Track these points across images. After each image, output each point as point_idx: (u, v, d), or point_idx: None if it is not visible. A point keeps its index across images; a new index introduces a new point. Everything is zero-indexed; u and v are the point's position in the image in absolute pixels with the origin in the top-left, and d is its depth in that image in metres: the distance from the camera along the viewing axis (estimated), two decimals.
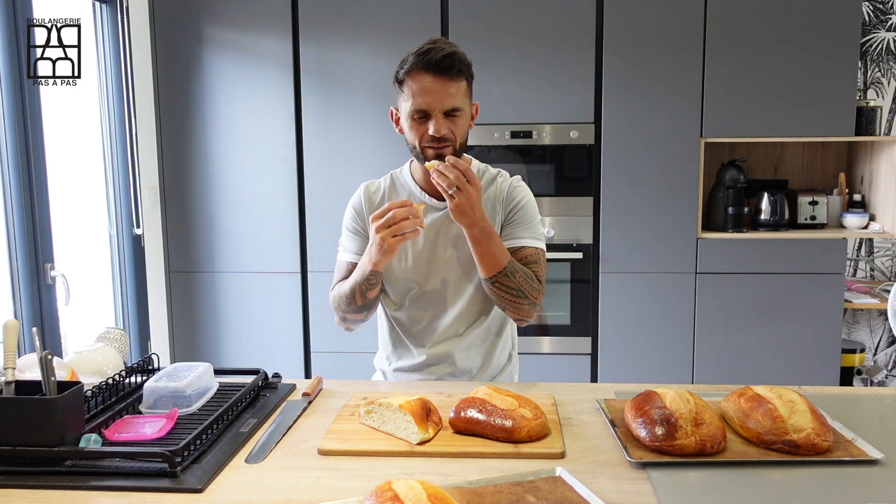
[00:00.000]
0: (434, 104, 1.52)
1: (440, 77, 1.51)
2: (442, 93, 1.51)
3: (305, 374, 3.18)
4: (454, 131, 1.55)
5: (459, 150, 1.59)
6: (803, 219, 3.14)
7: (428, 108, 1.52)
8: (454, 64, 1.51)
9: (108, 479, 1.12)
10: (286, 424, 1.35)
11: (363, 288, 1.59)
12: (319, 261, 3.09)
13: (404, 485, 0.95)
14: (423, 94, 1.51)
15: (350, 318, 1.68)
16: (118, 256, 3.11)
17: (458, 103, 1.54)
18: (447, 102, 1.52)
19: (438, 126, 1.52)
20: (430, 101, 1.51)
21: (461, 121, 1.56)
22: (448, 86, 1.52)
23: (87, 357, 1.56)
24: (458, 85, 1.53)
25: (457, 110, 1.54)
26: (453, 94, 1.52)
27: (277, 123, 3.07)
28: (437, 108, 1.52)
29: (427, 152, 1.56)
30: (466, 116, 1.58)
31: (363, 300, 1.62)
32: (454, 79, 1.52)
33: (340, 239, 1.75)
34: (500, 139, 3.01)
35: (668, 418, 1.18)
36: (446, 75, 1.51)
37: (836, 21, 2.89)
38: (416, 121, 1.54)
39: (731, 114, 2.95)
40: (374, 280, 1.58)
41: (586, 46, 2.95)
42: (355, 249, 1.70)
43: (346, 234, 1.73)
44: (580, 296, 3.08)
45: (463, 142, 1.59)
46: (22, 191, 2.41)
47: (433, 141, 1.54)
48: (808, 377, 2.98)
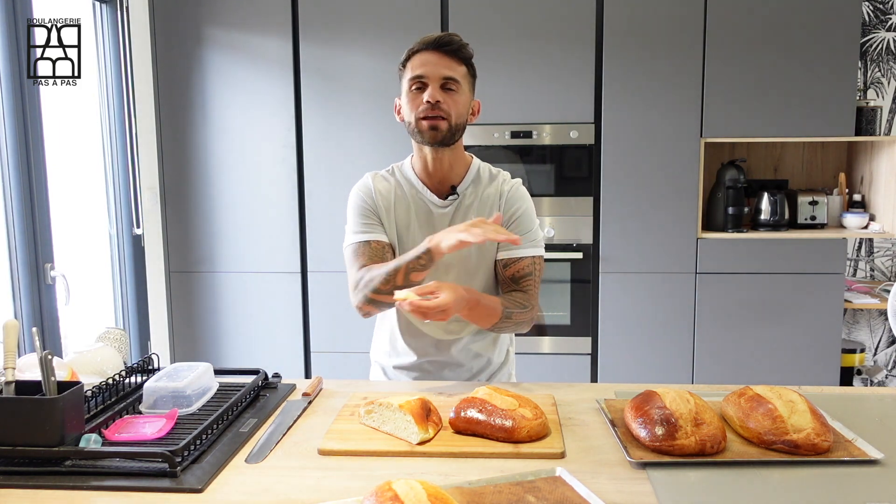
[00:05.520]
0: (430, 72, 1.57)
1: (438, 52, 1.58)
2: (439, 63, 1.57)
3: (305, 374, 3.18)
4: (450, 106, 1.57)
5: (455, 131, 1.58)
6: (803, 219, 3.14)
7: (424, 74, 1.56)
8: (452, 42, 1.58)
9: (108, 479, 1.12)
10: (286, 424, 1.35)
11: (410, 266, 1.50)
12: (319, 261, 3.09)
13: (404, 485, 0.95)
14: (421, 65, 1.58)
15: (379, 301, 1.56)
16: (118, 256, 3.11)
17: (456, 76, 1.58)
18: (443, 72, 1.57)
19: (434, 91, 1.56)
20: (427, 69, 1.57)
21: (458, 97, 1.58)
22: (446, 60, 1.58)
23: (87, 357, 1.56)
24: (456, 65, 1.59)
25: (453, 82, 1.57)
26: (451, 68, 1.58)
27: (277, 123, 3.07)
28: (434, 76, 1.57)
29: (422, 124, 1.57)
30: (464, 97, 1.60)
31: (405, 280, 1.51)
32: (452, 57, 1.58)
33: (347, 226, 1.68)
34: (500, 139, 3.01)
35: (668, 418, 1.18)
36: (443, 51, 1.58)
37: (836, 21, 2.89)
38: (413, 92, 1.58)
39: (731, 114, 2.95)
40: (424, 261, 1.50)
41: (586, 46, 2.95)
42: (371, 229, 1.64)
43: (356, 216, 1.66)
44: (580, 296, 3.08)
45: (459, 123, 1.59)
46: (22, 191, 2.41)
47: (429, 110, 1.55)
48: (808, 377, 2.98)
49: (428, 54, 1.57)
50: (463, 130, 1.62)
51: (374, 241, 1.64)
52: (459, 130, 1.61)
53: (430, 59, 1.57)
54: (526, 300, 1.63)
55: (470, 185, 1.68)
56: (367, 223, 1.66)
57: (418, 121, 1.58)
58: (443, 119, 1.56)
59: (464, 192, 1.67)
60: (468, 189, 1.68)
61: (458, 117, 1.58)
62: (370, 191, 1.68)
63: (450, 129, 1.57)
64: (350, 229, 1.67)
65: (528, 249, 1.65)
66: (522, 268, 1.65)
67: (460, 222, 1.63)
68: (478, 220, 1.46)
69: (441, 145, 1.59)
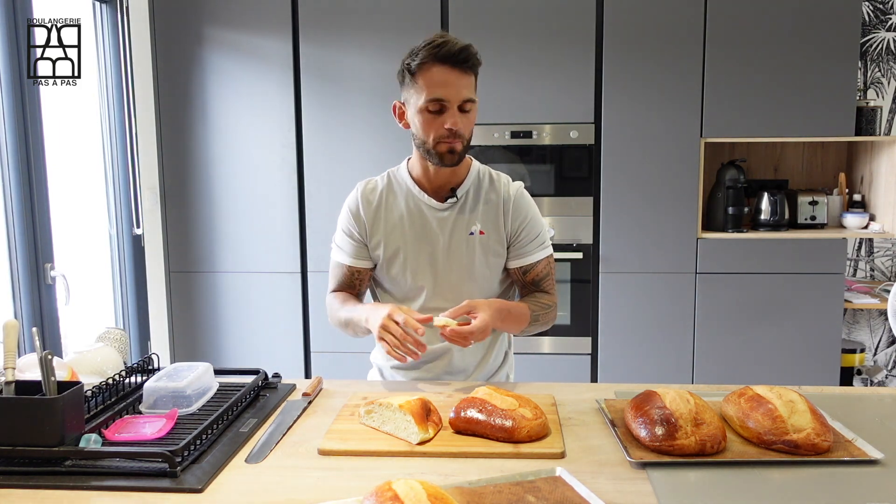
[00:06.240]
0: (452, 95, 1.51)
1: (456, 69, 1.51)
2: (458, 84, 1.51)
3: (305, 374, 3.18)
4: (465, 127, 1.56)
5: (466, 148, 1.59)
6: (803, 219, 3.14)
7: (446, 99, 1.51)
8: (469, 58, 1.52)
9: (108, 479, 1.12)
10: (286, 424, 1.35)
11: (358, 332, 1.65)
12: (319, 261, 3.09)
13: (404, 485, 0.95)
14: (440, 85, 1.50)
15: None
16: (118, 256, 3.11)
17: (473, 96, 1.55)
18: (463, 94, 1.52)
19: (456, 119, 1.52)
20: (448, 92, 1.51)
21: (472, 115, 1.57)
22: (463, 78, 1.52)
23: (87, 357, 1.56)
24: (470, 78, 1.55)
25: (470, 102, 1.55)
26: (469, 87, 1.54)
27: (277, 123, 3.07)
28: (455, 99, 1.52)
29: (440, 147, 1.55)
30: (475, 111, 1.59)
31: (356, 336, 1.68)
32: (467, 72, 1.53)
33: (335, 236, 1.73)
34: (500, 139, 3.01)
35: (668, 418, 1.18)
36: (461, 68, 1.51)
37: (836, 21, 2.89)
38: (431, 113, 1.53)
39: (731, 114, 2.95)
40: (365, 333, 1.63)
41: (586, 47, 2.95)
42: (350, 252, 1.70)
43: (340, 235, 1.72)
44: (580, 296, 3.08)
45: (469, 138, 1.59)
46: (22, 191, 2.41)
47: (449, 136, 1.53)
48: (808, 377, 2.98)
49: (447, 72, 1.50)
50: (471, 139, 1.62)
51: (349, 266, 1.70)
52: (469, 142, 1.60)
53: (449, 78, 1.50)
54: (549, 300, 1.71)
55: (470, 189, 1.68)
56: (347, 243, 1.70)
57: (435, 144, 1.55)
58: (459, 142, 1.55)
59: (464, 196, 1.67)
60: (469, 192, 1.67)
61: (470, 133, 1.58)
62: (357, 204, 1.69)
63: (464, 149, 1.58)
64: (335, 240, 1.74)
65: (541, 252, 1.70)
66: (540, 271, 1.70)
67: (460, 226, 1.65)
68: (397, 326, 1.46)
69: (455, 165, 1.59)
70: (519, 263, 1.69)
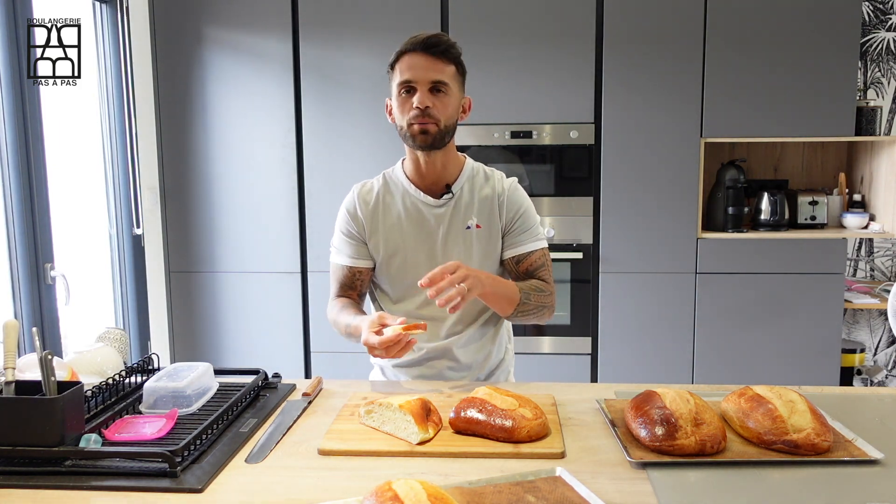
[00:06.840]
0: (419, 77, 1.56)
1: (425, 54, 1.57)
2: (426, 67, 1.56)
3: (305, 374, 3.18)
4: (439, 109, 1.57)
5: (444, 133, 1.59)
6: (803, 219, 3.14)
7: (413, 80, 1.56)
8: (440, 43, 1.57)
9: (108, 479, 1.12)
10: (286, 424, 1.35)
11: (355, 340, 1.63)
12: (319, 261, 3.09)
13: (404, 485, 0.95)
14: (409, 69, 1.57)
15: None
16: (118, 256, 3.11)
17: (445, 79, 1.57)
18: (431, 76, 1.56)
19: (423, 97, 1.55)
20: (415, 73, 1.56)
21: (448, 100, 1.58)
22: (434, 62, 1.57)
23: (87, 357, 1.56)
24: (445, 66, 1.58)
25: (442, 85, 1.57)
26: (439, 71, 1.57)
27: (277, 123, 3.07)
28: (422, 80, 1.56)
29: (413, 128, 1.57)
30: (454, 98, 1.60)
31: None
32: (440, 59, 1.57)
33: (333, 239, 1.75)
34: (500, 139, 3.01)
35: (668, 418, 1.18)
36: (432, 53, 1.57)
37: (836, 21, 2.89)
38: (402, 96, 1.58)
39: (731, 114, 2.95)
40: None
41: (586, 46, 2.95)
42: (349, 253, 1.71)
43: (339, 237, 1.73)
44: (580, 296, 3.08)
45: (449, 125, 1.60)
46: (22, 191, 2.41)
47: (418, 116, 1.56)
48: (808, 377, 2.98)
49: (416, 56, 1.56)
50: (454, 131, 1.63)
51: (349, 266, 1.70)
52: (450, 132, 1.62)
53: (418, 61, 1.56)
54: (544, 285, 1.69)
55: (465, 185, 1.69)
56: (346, 244, 1.71)
57: (409, 126, 1.58)
58: (433, 123, 1.57)
59: (459, 192, 1.68)
60: (463, 188, 1.69)
61: (447, 119, 1.59)
62: (354, 206, 1.71)
63: (440, 132, 1.58)
64: (333, 244, 1.75)
65: (535, 243, 1.70)
66: (534, 261, 1.70)
67: (457, 221, 1.66)
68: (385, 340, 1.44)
69: (432, 149, 1.61)
70: (512, 253, 1.69)
